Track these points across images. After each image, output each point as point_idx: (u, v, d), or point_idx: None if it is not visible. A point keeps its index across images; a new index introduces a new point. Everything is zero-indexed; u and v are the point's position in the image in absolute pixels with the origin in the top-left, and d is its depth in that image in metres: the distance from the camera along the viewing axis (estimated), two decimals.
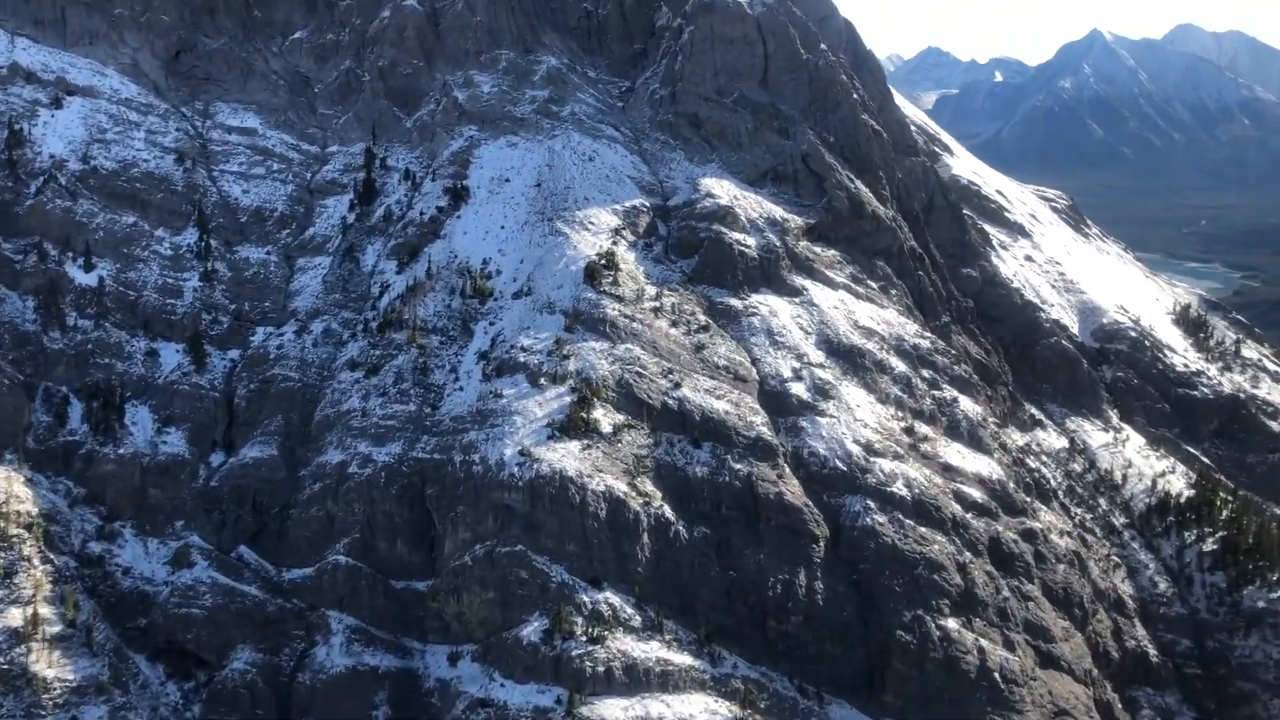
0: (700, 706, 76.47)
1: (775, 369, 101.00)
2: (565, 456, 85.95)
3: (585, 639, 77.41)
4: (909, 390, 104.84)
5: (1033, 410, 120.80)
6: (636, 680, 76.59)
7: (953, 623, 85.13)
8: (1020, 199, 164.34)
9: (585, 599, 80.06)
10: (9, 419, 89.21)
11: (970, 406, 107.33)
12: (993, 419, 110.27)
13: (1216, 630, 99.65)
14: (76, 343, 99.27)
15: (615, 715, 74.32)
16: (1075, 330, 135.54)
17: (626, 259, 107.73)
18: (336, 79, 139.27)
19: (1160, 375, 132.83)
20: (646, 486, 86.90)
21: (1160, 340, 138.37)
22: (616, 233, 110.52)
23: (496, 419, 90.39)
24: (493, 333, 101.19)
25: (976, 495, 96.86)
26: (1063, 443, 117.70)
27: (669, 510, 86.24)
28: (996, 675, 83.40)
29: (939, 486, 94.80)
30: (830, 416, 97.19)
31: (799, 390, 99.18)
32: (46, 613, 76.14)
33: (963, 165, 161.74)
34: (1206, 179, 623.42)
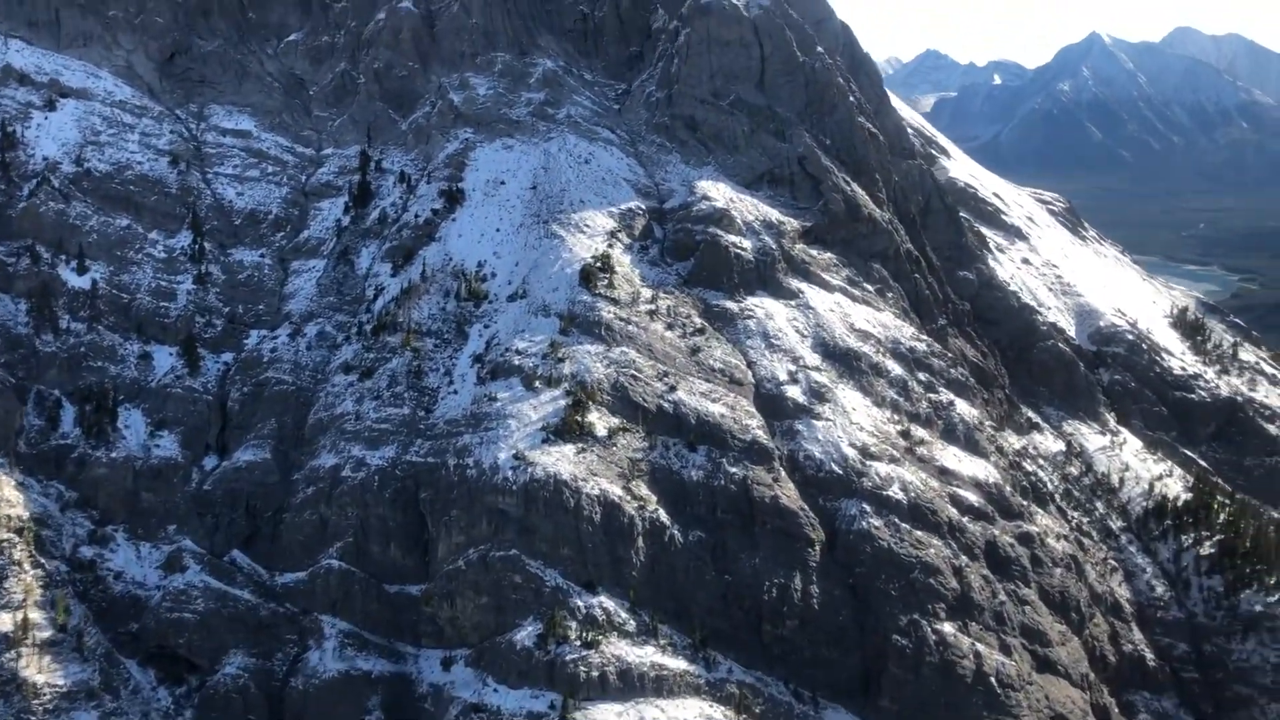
0: (695, 711, 76.05)
1: (771, 372, 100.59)
2: (560, 460, 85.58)
3: (579, 644, 77.02)
4: (905, 393, 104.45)
5: (1029, 413, 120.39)
6: (631, 685, 76.17)
7: (949, 627, 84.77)
8: (1017, 201, 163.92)
9: (579, 603, 79.71)
10: (0, 422, 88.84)
11: (967, 410, 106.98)
12: (989, 422, 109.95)
13: (1214, 634, 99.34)
14: (69, 346, 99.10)
15: None
16: (1072, 333, 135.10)
17: (622, 262, 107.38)
18: (331, 81, 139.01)
19: (1158, 378, 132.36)
20: (641, 490, 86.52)
21: (1158, 343, 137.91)
22: (612, 235, 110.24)
23: (491, 422, 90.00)
24: (487, 336, 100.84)
25: (973, 499, 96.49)
26: (1059, 446, 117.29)
27: (664, 514, 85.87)
28: (993, 680, 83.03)
29: (935, 490, 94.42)
30: (826, 420, 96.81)
31: (795, 393, 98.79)
32: (37, 617, 75.88)
33: (960, 168, 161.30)
34: (1205, 182, 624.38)
